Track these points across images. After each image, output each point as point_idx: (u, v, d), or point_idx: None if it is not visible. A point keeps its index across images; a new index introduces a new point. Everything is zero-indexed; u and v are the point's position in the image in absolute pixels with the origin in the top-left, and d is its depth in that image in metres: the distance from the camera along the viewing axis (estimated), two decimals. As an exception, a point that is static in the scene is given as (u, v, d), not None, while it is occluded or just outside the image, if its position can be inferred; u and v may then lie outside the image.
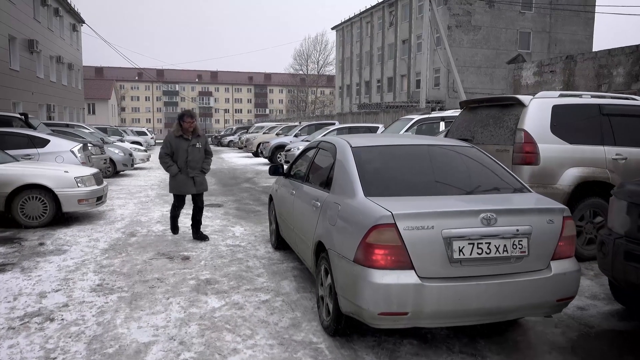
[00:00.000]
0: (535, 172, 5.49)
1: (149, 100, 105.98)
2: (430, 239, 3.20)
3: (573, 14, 41.27)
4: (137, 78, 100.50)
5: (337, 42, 63.65)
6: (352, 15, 56.89)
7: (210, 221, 8.39)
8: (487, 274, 3.28)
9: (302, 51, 78.48)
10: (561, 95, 5.90)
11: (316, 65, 75.90)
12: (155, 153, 32.06)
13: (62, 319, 4.12)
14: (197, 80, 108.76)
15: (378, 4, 50.89)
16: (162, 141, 7.69)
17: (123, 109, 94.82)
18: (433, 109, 21.97)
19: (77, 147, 10.73)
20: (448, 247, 3.21)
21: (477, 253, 3.23)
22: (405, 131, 11.28)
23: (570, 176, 5.55)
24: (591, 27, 42.99)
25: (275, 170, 6.09)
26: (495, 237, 3.26)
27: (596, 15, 43.19)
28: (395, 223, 3.18)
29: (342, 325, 3.68)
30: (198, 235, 6.96)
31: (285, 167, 6.28)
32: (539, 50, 40.43)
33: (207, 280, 5.16)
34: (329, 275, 3.78)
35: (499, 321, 3.65)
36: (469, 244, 3.23)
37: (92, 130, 19.15)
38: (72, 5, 35.16)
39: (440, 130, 11.14)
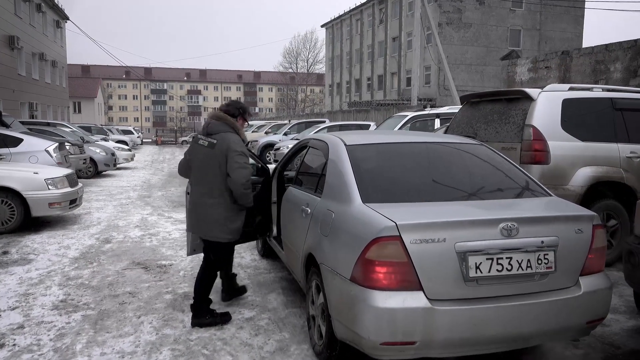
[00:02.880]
0: (545, 171, 5.03)
1: (136, 98, 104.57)
2: (441, 254, 2.72)
3: (563, 11, 41.23)
4: (124, 76, 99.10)
5: (326, 40, 63.12)
6: (342, 12, 56.44)
7: (193, 225, 7.84)
8: (507, 294, 2.81)
9: (291, 49, 77.68)
10: (571, 89, 5.45)
11: (306, 64, 75.32)
12: (142, 152, 31.29)
13: (14, 344, 3.58)
14: (185, 78, 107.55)
15: (368, 1, 50.45)
16: (150, 140, 6.38)
17: (110, 108, 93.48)
18: (424, 107, 21.61)
19: (52, 146, 10.10)
20: (462, 263, 2.73)
21: (497, 270, 2.76)
22: (399, 129, 10.80)
23: (582, 176, 5.11)
24: (581, 24, 43.02)
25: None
26: (517, 251, 2.79)
27: (586, 13, 43.20)
28: (400, 235, 2.70)
29: (337, 352, 3.18)
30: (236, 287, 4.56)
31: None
32: (529, 47, 40.30)
33: (185, 294, 4.63)
34: (322, 293, 3.27)
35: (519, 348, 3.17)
36: (487, 259, 2.75)
37: (74, 129, 18.48)
38: (56, 1, 34.26)
39: (436, 127, 10.67)
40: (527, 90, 5.35)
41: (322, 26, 63.08)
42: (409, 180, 3.48)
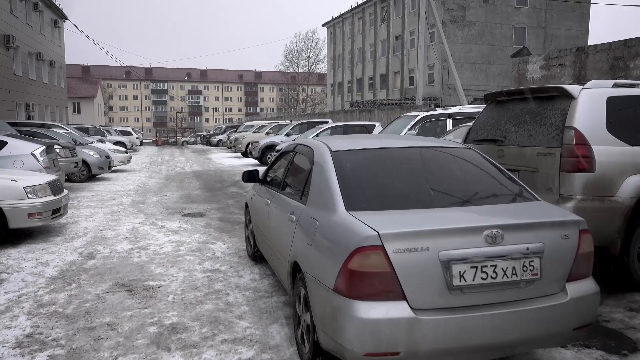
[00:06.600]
0: (590, 181, 4.35)
1: (137, 99, 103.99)
2: (425, 263, 2.69)
3: (568, 9, 40.58)
4: (124, 77, 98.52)
5: (328, 39, 62.45)
6: (344, 11, 55.77)
7: (188, 236, 7.19)
8: (492, 302, 2.78)
9: (292, 48, 77.38)
10: (615, 85, 4.76)
11: (307, 63, 74.66)
12: (140, 154, 30.83)
13: (-41, 399, 2.93)
14: (186, 78, 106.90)
15: (369, 0, 49.74)
16: (150, 141, 6.14)
17: (111, 108, 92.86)
18: (431, 106, 20.93)
19: (39, 149, 9.45)
20: (446, 271, 2.70)
21: (482, 278, 2.73)
22: (409, 130, 10.11)
23: (632, 186, 4.42)
24: (586, 22, 42.38)
25: (249, 176, 5.43)
26: (502, 258, 2.77)
27: (591, 10, 42.53)
28: (382, 245, 2.67)
29: None
30: None
31: (261, 172, 5.56)
32: (535, 45, 39.60)
33: (172, 326, 3.97)
34: (307, 301, 3.24)
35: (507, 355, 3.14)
36: (472, 267, 2.72)
37: (69, 130, 17.82)
38: (54, 0, 33.63)
39: (448, 128, 9.98)
40: (567, 87, 4.66)
41: (323, 25, 62.43)
42: (394, 187, 3.42)
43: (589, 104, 4.52)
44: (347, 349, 2.70)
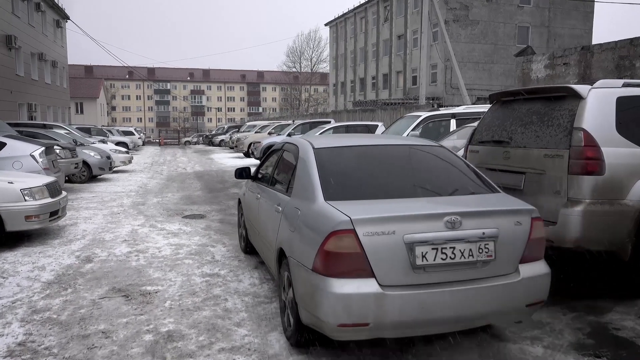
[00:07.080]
0: (599, 184, 4.22)
1: (140, 99, 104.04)
2: (391, 245, 3.01)
3: (572, 7, 40.33)
4: (127, 77, 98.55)
5: (330, 39, 62.31)
6: (346, 10, 55.59)
7: (187, 239, 7.08)
8: (452, 280, 3.10)
9: (295, 48, 77.25)
10: (625, 85, 4.62)
11: (309, 63, 74.53)
12: (142, 154, 30.75)
13: (-55, 413, 2.82)
14: (188, 78, 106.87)
15: (372, -1, 49.60)
16: (152, 140, 6.23)
17: (114, 108, 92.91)
18: (433, 106, 20.79)
19: (38, 150, 9.36)
20: (410, 253, 3.02)
21: (441, 258, 3.06)
22: (412, 130, 9.98)
23: (643, 189, 4.28)
24: (590, 21, 42.14)
25: (242, 173, 5.75)
26: (460, 241, 3.08)
27: (595, 9, 42.26)
28: (354, 229, 3.00)
29: (304, 336, 3.42)
30: None
31: (252, 169, 5.86)
32: (538, 44, 39.37)
33: (168, 334, 3.85)
34: (290, 284, 3.55)
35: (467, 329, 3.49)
36: (433, 249, 3.05)
37: (70, 131, 17.74)
38: (56, 0, 33.60)
39: (451, 129, 9.84)
40: (575, 87, 4.53)
41: (325, 25, 62.29)
42: (369, 180, 3.77)
43: (598, 104, 4.39)
44: (324, 321, 3.01)
